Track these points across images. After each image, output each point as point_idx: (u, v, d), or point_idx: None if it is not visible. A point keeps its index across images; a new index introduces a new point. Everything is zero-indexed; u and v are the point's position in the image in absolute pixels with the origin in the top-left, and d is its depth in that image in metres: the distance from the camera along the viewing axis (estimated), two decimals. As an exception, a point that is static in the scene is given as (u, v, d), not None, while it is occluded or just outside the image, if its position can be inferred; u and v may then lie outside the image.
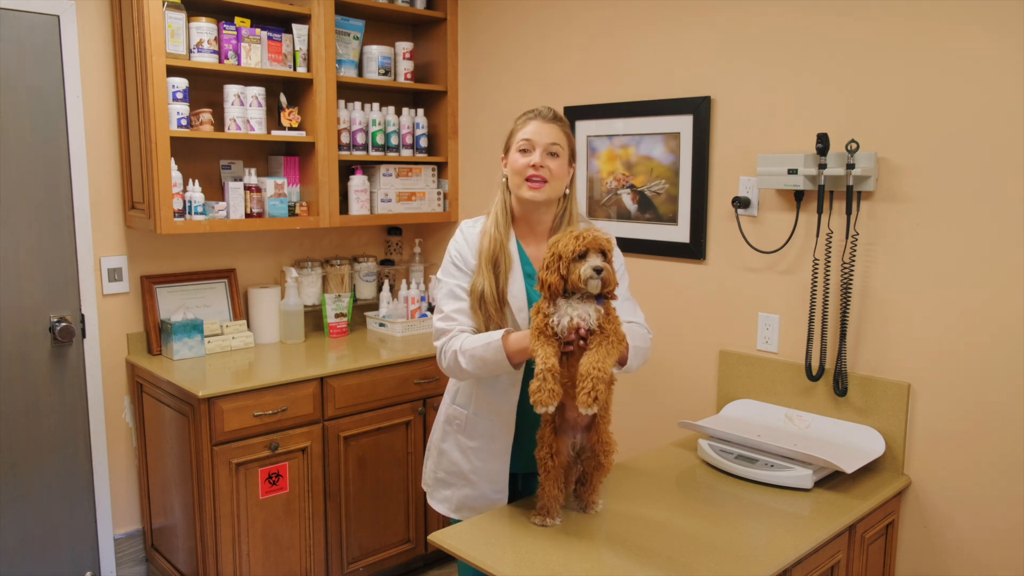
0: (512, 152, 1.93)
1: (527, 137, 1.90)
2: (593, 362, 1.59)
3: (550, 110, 1.94)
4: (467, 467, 1.98)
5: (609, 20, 2.82)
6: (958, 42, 2.02)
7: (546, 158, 1.88)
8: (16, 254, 2.66)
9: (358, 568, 2.91)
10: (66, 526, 2.83)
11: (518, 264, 1.92)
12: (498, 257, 1.89)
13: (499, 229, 1.92)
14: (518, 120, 1.96)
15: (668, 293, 2.72)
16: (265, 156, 3.20)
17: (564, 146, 1.92)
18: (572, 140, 1.97)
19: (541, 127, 1.90)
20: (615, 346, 1.64)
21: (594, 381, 1.57)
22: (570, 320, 1.64)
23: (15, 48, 2.60)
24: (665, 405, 2.76)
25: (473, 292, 1.89)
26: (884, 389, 2.22)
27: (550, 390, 1.59)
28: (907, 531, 2.22)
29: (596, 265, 1.64)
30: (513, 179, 1.92)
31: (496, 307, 1.87)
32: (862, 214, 2.23)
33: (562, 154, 1.91)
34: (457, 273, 1.94)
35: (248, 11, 2.93)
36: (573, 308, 1.65)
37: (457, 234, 1.99)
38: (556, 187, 1.91)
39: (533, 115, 1.93)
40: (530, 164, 1.88)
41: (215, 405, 2.50)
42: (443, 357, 1.89)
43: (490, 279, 1.88)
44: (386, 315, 3.33)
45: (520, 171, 1.89)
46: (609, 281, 1.66)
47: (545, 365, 1.61)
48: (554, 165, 1.89)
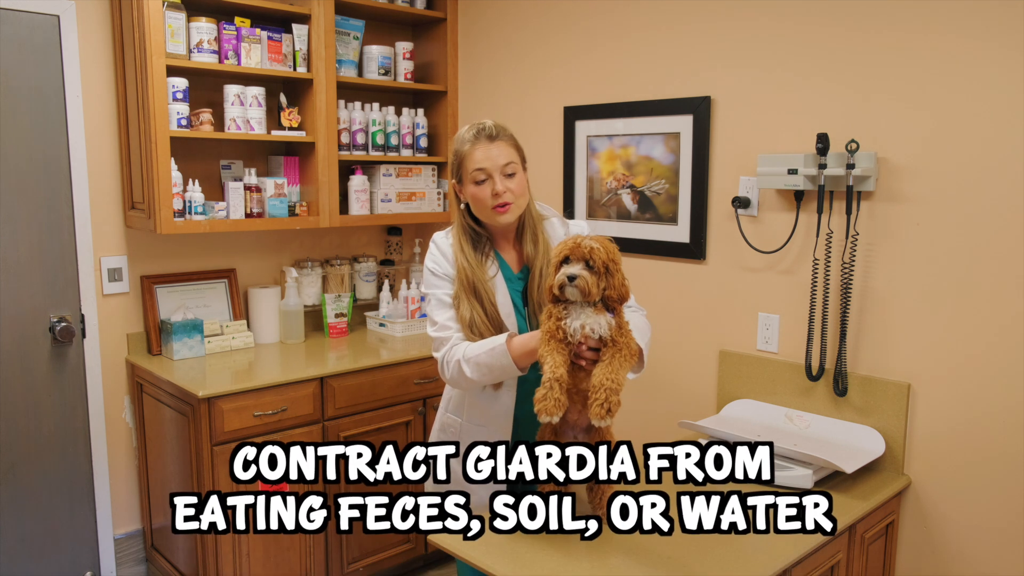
0: (468, 184, 1.89)
1: (480, 167, 1.85)
2: (607, 374, 1.58)
3: (492, 125, 1.89)
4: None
5: (609, 20, 2.82)
6: (958, 42, 2.02)
7: (505, 181, 1.86)
8: (16, 254, 2.66)
9: (358, 568, 2.91)
10: (66, 526, 2.83)
11: (500, 277, 1.91)
12: (476, 285, 1.88)
13: (469, 258, 1.89)
14: (462, 144, 1.90)
15: (668, 293, 2.72)
16: (265, 156, 3.20)
17: (517, 160, 1.89)
18: (520, 147, 1.93)
19: (489, 150, 1.86)
20: (627, 359, 1.62)
21: (607, 393, 1.56)
22: (582, 326, 1.61)
23: (15, 48, 2.60)
24: (665, 405, 2.76)
25: (461, 320, 1.87)
26: (884, 389, 2.22)
27: (556, 399, 1.57)
28: (907, 531, 2.22)
29: (570, 273, 1.60)
30: (479, 210, 1.89)
31: (491, 331, 1.87)
32: (862, 214, 2.23)
33: (518, 170, 1.88)
34: (440, 283, 1.92)
35: (248, 11, 2.93)
36: (588, 317, 1.62)
37: (431, 247, 1.97)
38: (522, 202, 1.90)
39: (476, 135, 1.88)
40: (493, 193, 1.85)
41: (215, 405, 2.50)
42: (446, 368, 1.88)
43: (476, 307, 1.87)
44: (386, 315, 3.33)
45: (484, 202, 1.87)
46: (618, 295, 1.64)
47: (554, 375, 1.58)
48: (514, 184, 1.87)
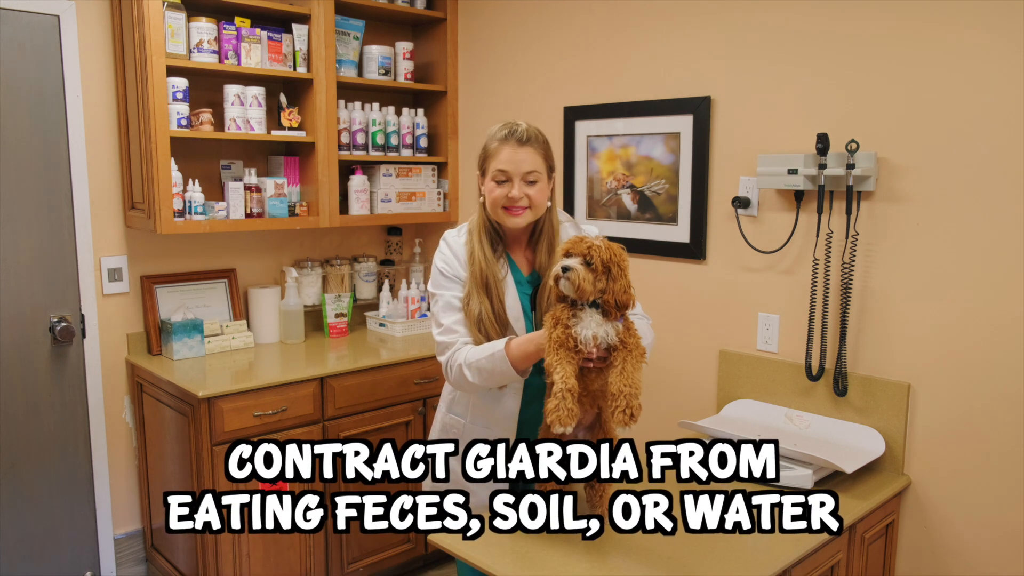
0: (488, 180, 1.87)
1: (502, 168, 1.83)
2: (624, 379, 1.57)
3: (525, 129, 1.85)
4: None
5: (609, 20, 2.82)
6: (958, 42, 2.02)
7: (524, 187, 1.83)
8: (16, 254, 2.66)
9: (358, 568, 2.91)
10: (66, 526, 2.83)
11: (510, 278, 1.91)
12: (489, 281, 1.86)
13: (486, 253, 1.88)
14: (491, 140, 1.87)
15: (668, 293, 2.72)
16: (265, 156, 3.20)
17: (542, 170, 1.86)
18: (550, 154, 1.90)
19: (515, 153, 1.83)
20: (639, 360, 1.62)
21: (628, 399, 1.56)
22: (594, 336, 1.60)
23: (15, 48, 2.60)
24: (665, 405, 2.76)
25: (470, 315, 1.86)
26: (884, 389, 2.22)
27: (568, 410, 1.56)
28: (907, 531, 2.22)
29: (564, 264, 1.60)
30: (491, 207, 1.87)
31: (496, 329, 1.86)
32: (862, 214, 2.23)
33: (540, 179, 1.86)
34: (450, 284, 1.91)
35: (248, 11, 2.93)
36: (598, 324, 1.61)
37: (442, 245, 1.95)
38: (537, 211, 1.88)
39: (506, 136, 1.84)
40: (508, 196, 1.84)
41: (215, 405, 2.50)
42: (449, 371, 1.88)
43: (485, 303, 1.85)
44: (386, 315, 3.33)
45: (498, 201, 1.85)
46: (616, 300, 1.62)
47: (565, 385, 1.57)
48: (533, 192, 1.84)
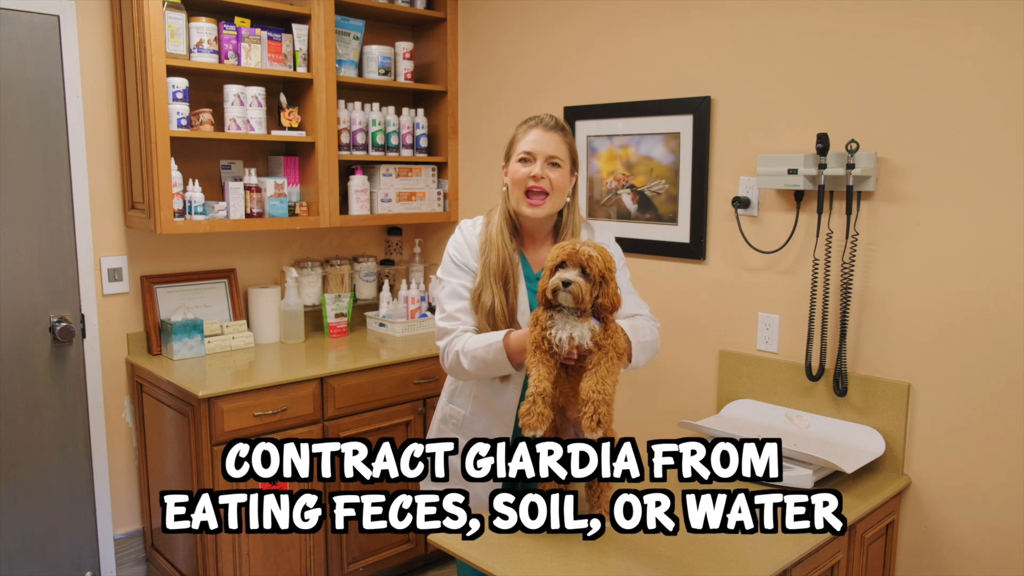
0: (512, 162, 1.91)
1: (528, 149, 1.88)
2: (593, 385, 1.57)
3: (552, 118, 1.92)
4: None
5: (609, 20, 2.82)
6: (958, 42, 2.02)
7: (547, 168, 1.87)
8: (16, 254, 2.65)
9: (358, 568, 2.91)
10: (66, 526, 2.83)
11: (521, 275, 1.92)
12: (508, 273, 1.88)
13: (506, 243, 1.90)
14: (519, 127, 1.94)
15: (668, 293, 2.72)
16: (265, 156, 3.20)
17: (565, 157, 1.90)
18: (574, 149, 1.95)
19: (542, 136, 1.88)
20: (615, 363, 1.61)
21: (595, 405, 1.55)
22: (570, 337, 1.60)
23: (15, 48, 2.60)
24: (665, 405, 2.76)
25: (481, 307, 1.87)
26: (884, 389, 2.22)
27: (539, 414, 1.56)
28: (907, 531, 2.22)
29: (565, 278, 1.59)
30: (513, 192, 1.90)
31: (506, 323, 1.87)
32: (862, 214, 2.23)
33: (563, 165, 1.90)
34: (459, 272, 1.93)
35: (248, 11, 2.93)
36: (572, 326, 1.61)
37: (457, 233, 1.98)
38: (557, 200, 1.90)
39: (534, 123, 1.91)
40: (530, 175, 1.86)
41: (215, 405, 2.50)
42: (446, 357, 1.89)
43: (500, 295, 1.86)
44: (386, 315, 3.33)
45: (520, 182, 1.88)
46: (612, 304, 1.62)
47: (536, 388, 1.57)
48: (555, 176, 1.88)
